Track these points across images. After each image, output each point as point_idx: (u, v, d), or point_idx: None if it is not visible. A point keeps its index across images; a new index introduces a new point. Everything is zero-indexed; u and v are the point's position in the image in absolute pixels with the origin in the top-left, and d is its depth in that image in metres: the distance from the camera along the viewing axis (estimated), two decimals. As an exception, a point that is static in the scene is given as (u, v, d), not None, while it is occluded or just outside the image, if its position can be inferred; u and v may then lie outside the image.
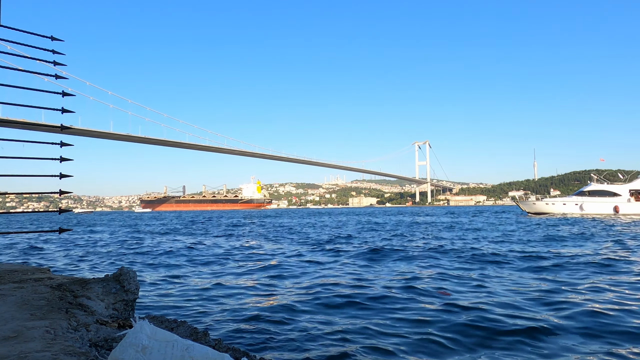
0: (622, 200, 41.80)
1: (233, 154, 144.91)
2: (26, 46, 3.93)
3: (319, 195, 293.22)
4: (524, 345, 4.41)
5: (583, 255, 11.14)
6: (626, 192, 41.90)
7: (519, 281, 7.82)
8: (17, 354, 1.85)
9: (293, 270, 9.51)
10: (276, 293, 7.14)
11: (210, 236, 21.46)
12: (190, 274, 9.36)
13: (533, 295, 6.60)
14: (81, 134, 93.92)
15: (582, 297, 6.45)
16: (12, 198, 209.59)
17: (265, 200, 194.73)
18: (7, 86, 4.01)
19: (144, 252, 14.06)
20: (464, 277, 8.25)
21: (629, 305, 5.86)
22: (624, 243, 14.51)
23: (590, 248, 13.15)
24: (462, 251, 12.60)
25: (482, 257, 11.25)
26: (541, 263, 9.98)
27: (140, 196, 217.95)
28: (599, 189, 43.49)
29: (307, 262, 10.89)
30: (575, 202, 44.24)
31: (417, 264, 10.22)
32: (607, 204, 42.22)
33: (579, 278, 8.05)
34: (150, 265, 10.90)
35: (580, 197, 44.37)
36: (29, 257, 12.54)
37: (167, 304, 6.34)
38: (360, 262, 10.81)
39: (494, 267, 9.56)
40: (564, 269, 9.18)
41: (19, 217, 67.55)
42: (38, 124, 18.62)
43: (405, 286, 7.34)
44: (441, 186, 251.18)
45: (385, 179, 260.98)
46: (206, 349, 1.84)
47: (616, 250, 12.43)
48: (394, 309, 5.86)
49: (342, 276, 8.62)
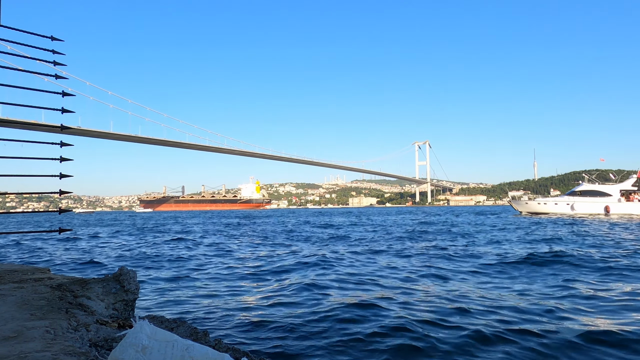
0: (612, 200, 42.24)
1: (233, 154, 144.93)
2: (26, 46, 3.93)
3: (319, 195, 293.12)
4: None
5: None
6: (617, 193, 42.39)
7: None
8: (17, 354, 1.85)
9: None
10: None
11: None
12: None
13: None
14: (81, 134, 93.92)
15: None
16: (12, 198, 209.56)
17: (264, 200, 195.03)
18: (7, 86, 4.01)
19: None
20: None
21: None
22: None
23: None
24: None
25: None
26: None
27: (140, 196, 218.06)
28: (590, 189, 44.02)
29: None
30: (566, 202, 44.71)
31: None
32: (598, 204, 42.68)
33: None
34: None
35: (572, 197, 44.87)
36: (29, 257, 12.55)
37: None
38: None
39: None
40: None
41: (22, 218, 67.51)
42: (38, 124, 18.62)
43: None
44: (441, 186, 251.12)
45: (385, 179, 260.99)
46: (206, 349, 1.84)
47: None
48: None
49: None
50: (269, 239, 19.27)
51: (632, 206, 41.40)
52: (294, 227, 28.79)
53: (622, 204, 41.81)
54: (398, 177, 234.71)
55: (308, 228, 27.95)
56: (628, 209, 41.21)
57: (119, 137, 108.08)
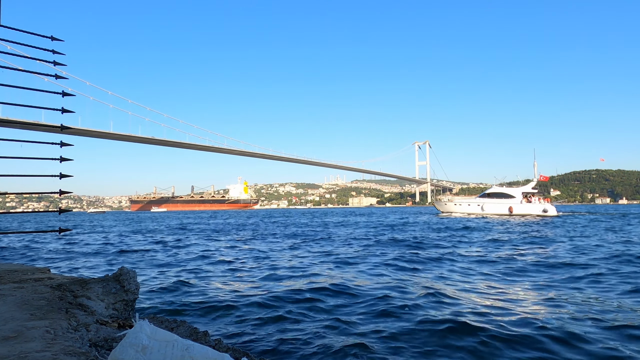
0: (516, 202, 47.05)
1: (233, 154, 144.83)
2: (26, 46, 3.93)
3: (319, 195, 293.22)
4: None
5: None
6: (520, 195, 47.17)
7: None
8: (17, 354, 1.85)
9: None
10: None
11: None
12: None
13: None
14: (81, 134, 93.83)
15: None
16: (12, 198, 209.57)
17: (251, 201, 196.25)
18: (7, 86, 4.01)
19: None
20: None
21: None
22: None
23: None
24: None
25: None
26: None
27: (130, 196, 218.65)
28: (497, 192, 49.06)
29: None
30: (477, 203, 49.89)
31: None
32: (503, 205, 47.54)
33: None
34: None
35: (483, 198, 49.97)
36: (29, 257, 12.54)
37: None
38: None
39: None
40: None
41: (28, 217, 67.45)
42: (38, 124, 18.60)
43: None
44: (441, 186, 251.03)
45: (385, 179, 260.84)
46: (206, 349, 1.84)
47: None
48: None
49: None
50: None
51: (530, 207, 46.12)
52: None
53: (523, 205, 46.52)
54: (398, 177, 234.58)
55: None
56: (527, 209, 46.09)
57: (119, 137, 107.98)
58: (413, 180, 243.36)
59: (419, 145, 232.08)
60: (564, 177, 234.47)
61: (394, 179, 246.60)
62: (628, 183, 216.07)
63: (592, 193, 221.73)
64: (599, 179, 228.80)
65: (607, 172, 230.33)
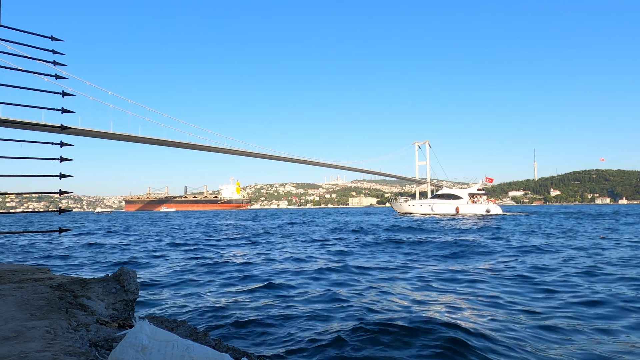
0: (462, 202, 49.95)
1: (233, 153, 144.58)
2: (26, 46, 3.92)
3: (319, 195, 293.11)
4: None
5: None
6: (466, 196, 50.16)
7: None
8: (17, 354, 1.85)
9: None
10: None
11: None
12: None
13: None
14: (81, 134, 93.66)
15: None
16: (12, 198, 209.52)
17: (244, 201, 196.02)
18: (7, 86, 4.00)
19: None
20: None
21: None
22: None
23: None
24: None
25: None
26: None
27: (125, 197, 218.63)
28: (447, 193, 51.88)
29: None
30: (429, 203, 52.64)
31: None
32: (451, 205, 50.19)
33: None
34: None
35: (433, 199, 53.02)
36: (29, 257, 12.53)
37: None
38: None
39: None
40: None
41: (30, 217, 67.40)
42: (38, 124, 18.60)
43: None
44: (441, 186, 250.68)
45: (385, 179, 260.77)
46: (206, 349, 1.84)
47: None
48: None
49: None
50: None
51: (475, 207, 49.09)
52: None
53: (469, 205, 49.50)
54: (398, 177, 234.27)
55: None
56: (472, 209, 49.05)
57: (119, 137, 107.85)
58: (413, 180, 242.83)
59: (419, 145, 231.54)
60: (564, 177, 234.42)
61: (394, 179, 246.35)
62: (628, 183, 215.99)
63: (592, 193, 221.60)
64: (599, 179, 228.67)
65: (607, 172, 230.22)
